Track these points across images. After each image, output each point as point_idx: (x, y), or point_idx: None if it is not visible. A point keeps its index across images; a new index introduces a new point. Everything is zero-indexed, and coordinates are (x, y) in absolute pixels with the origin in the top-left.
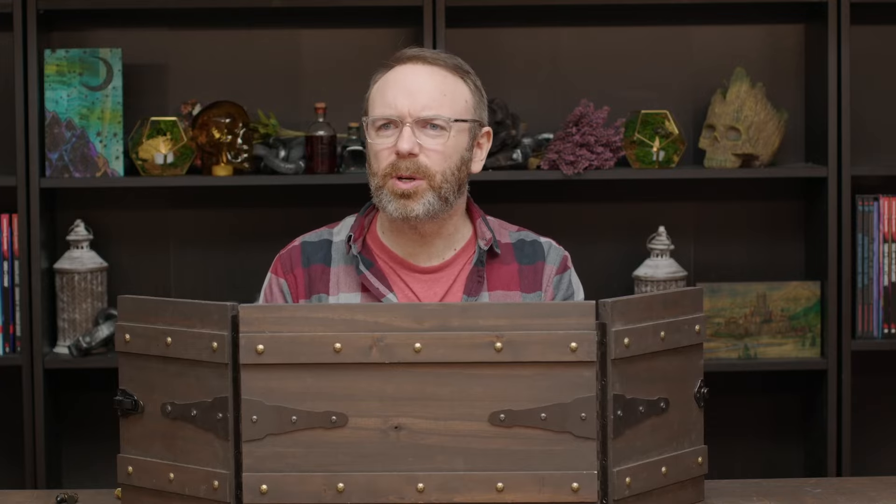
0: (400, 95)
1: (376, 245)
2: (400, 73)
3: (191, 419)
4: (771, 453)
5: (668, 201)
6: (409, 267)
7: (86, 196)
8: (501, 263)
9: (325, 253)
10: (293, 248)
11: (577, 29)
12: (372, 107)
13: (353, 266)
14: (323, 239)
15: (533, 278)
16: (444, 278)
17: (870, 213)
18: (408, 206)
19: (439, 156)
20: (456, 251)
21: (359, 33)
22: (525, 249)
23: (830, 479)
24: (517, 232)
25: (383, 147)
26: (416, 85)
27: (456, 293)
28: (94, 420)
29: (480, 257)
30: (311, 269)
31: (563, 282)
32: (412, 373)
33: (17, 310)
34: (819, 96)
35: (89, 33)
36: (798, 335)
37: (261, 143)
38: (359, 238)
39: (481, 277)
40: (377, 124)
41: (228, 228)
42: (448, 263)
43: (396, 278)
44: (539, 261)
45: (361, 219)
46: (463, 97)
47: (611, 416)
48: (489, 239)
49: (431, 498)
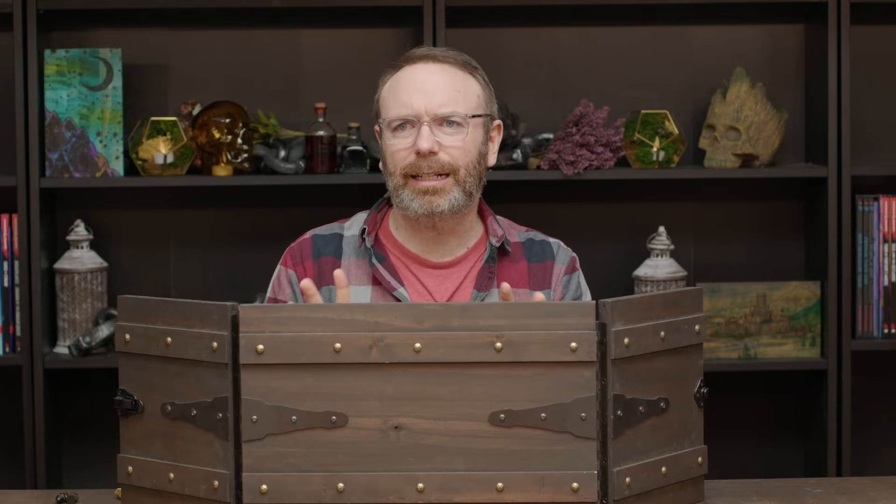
0: (415, 95)
1: (389, 241)
2: (411, 72)
3: (191, 419)
4: (771, 453)
5: (668, 201)
6: (422, 262)
7: (86, 196)
8: (511, 262)
9: (337, 246)
10: (304, 240)
11: (577, 29)
12: (385, 108)
13: (365, 260)
14: (334, 233)
15: (542, 277)
16: (455, 274)
17: (870, 213)
18: (433, 202)
19: (459, 151)
20: (468, 248)
21: (359, 33)
22: (534, 248)
23: (830, 479)
24: (526, 232)
25: (401, 147)
26: (429, 84)
27: (466, 289)
28: (94, 420)
29: (492, 254)
30: (321, 262)
31: (571, 282)
32: (412, 373)
33: (17, 310)
34: (819, 96)
35: (89, 33)
36: (798, 335)
37: (261, 143)
38: (372, 232)
39: (492, 274)
40: (393, 125)
41: (228, 228)
42: (460, 260)
43: (408, 273)
44: (548, 260)
45: (374, 214)
46: (475, 92)
47: (611, 416)
48: (501, 236)
49: (431, 498)
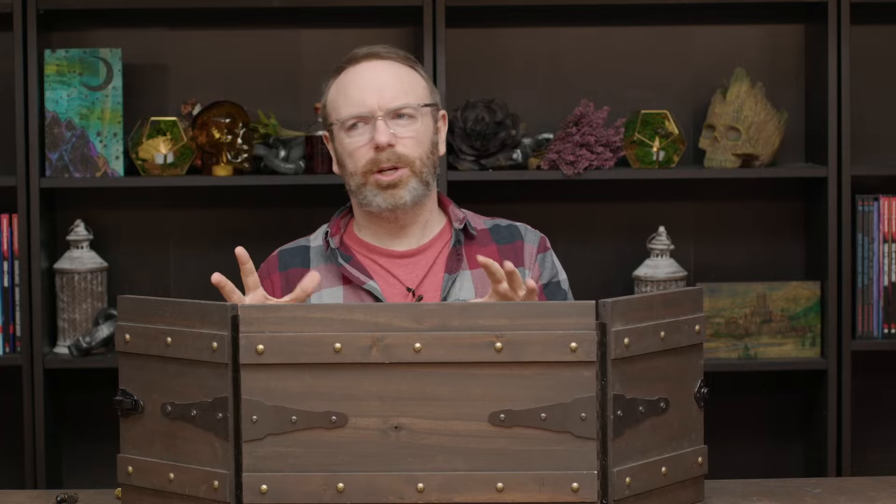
0: (366, 92)
1: (353, 241)
2: (358, 72)
3: (191, 419)
4: (771, 453)
5: (668, 201)
6: (388, 254)
7: (86, 196)
8: (479, 246)
9: (303, 257)
10: (270, 257)
11: (577, 29)
12: (335, 110)
13: (333, 263)
14: (300, 246)
15: (513, 257)
16: (423, 261)
17: (870, 213)
18: (395, 195)
19: (414, 142)
20: (432, 236)
21: (359, 33)
22: (501, 232)
23: (830, 479)
24: (491, 220)
25: (358, 145)
26: (378, 80)
27: (437, 273)
28: (94, 420)
29: (458, 238)
30: (288, 273)
31: (546, 260)
32: (412, 373)
33: (17, 310)
34: (819, 96)
35: (89, 33)
36: (798, 335)
37: (261, 143)
38: (336, 234)
39: (460, 256)
40: (347, 125)
41: (228, 228)
42: (426, 247)
43: (376, 266)
44: (517, 240)
45: (337, 220)
46: (420, 84)
47: (611, 416)
48: (462, 218)
49: (431, 498)
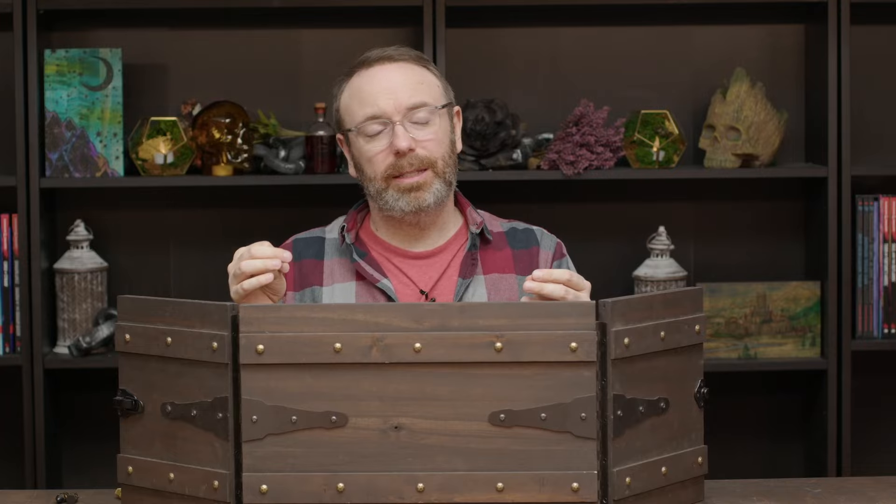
0: (381, 96)
1: (370, 238)
2: (371, 76)
3: (191, 419)
4: (771, 453)
5: (668, 201)
6: (404, 254)
7: (86, 196)
8: (495, 249)
9: (318, 248)
10: (285, 245)
11: (577, 29)
12: (349, 116)
13: (347, 258)
14: (315, 236)
15: (528, 262)
16: (437, 263)
17: (870, 213)
18: (419, 198)
19: (434, 143)
20: (448, 238)
21: (359, 33)
22: (518, 236)
23: (830, 479)
24: (508, 222)
25: (377, 151)
26: (393, 83)
27: (451, 277)
28: (94, 420)
29: (473, 242)
30: (301, 264)
31: (562, 267)
32: (412, 373)
33: (17, 310)
34: (819, 96)
35: (89, 33)
36: (798, 335)
37: (261, 143)
38: (352, 229)
39: (475, 260)
40: (365, 130)
41: (228, 228)
42: (442, 249)
43: (391, 266)
44: (533, 246)
45: (354, 213)
46: (434, 84)
47: (611, 416)
48: (480, 222)
49: (431, 498)
